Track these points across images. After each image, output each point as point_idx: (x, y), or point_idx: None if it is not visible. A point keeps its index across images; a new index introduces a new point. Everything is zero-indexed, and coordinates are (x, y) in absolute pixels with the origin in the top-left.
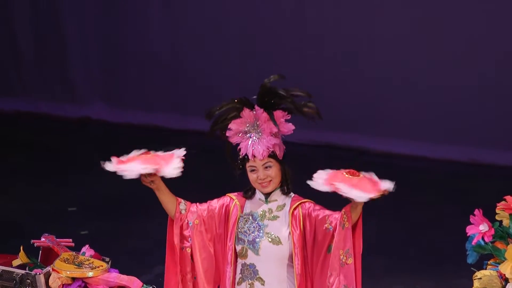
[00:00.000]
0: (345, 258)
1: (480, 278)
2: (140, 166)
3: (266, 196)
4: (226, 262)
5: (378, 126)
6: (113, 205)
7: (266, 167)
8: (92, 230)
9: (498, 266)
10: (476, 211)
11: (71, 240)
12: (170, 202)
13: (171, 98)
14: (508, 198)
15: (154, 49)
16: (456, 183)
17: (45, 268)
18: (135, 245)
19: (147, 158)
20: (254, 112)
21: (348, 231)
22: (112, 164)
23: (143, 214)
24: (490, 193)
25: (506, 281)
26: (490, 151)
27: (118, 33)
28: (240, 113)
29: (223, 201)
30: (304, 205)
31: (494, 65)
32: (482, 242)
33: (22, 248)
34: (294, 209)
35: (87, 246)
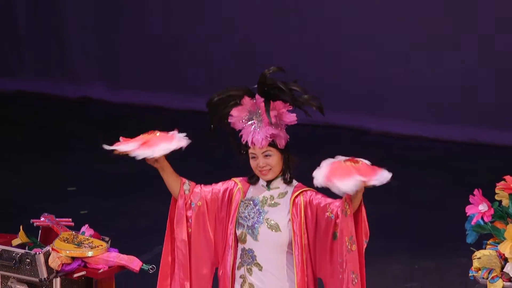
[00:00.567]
0: (350, 244)
1: (479, 258)
2: (136, 149)
3: (268, 183)
4: (227, 246)
5: (379, 107)
6: (112, 184)
7: (266, 156)
8: (91, 210)
9: (497, 246)
10: (475, 191)
11: (71, 219)
12: (174, 182)
13: (171, 78)
14: (507, 178)
15: (154, 28)
16: (456, 163)
17: (44, 247)
18: (135, 224)
19: (148, 139)
20: (254, 100)
21: (350, 218)
22: (115, 144)
23: (143, 194)
24: (490, 173)
25: (506, 260)
26: (490, 131)
27: (118, 12)
28: (240, 100)
29: (227, 185)
30: (305, 193)
31: (494, 45)
32: (482, 222)
33: (21, 227)
34: (296, 197)
35: (87, 225)
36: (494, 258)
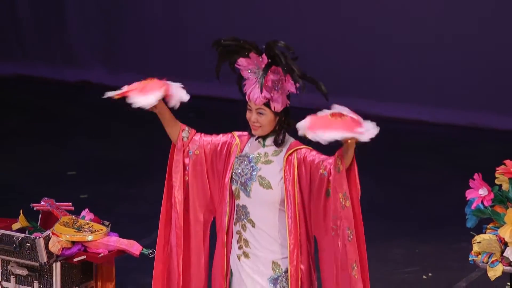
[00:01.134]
0: (344, 201)
1: (479, 242)
2: (132, 95)
3: (264, 139)
4: (223, 200)
5: (378, 90)
6: (112, 169)
7: (259, 113)
8: (91, 194)
9: (497, 230)
10: (475, 175)
11: (71, 204)
12: (173, 127)
13: (171, 62)
14: (507, 162)
15: (154, 12)
16: (456, 147)
17: (44, 231)
18: (135, 209)
19: (144, 85)
20: (261, 59)
21: (342, 174)
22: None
23: (143, 178)
24: (490, 157)
25: (506, 245)
26: (490, 115)
27: None
28: (249, 53)
29: (227, 138)
30: (300, 151)
31: (495, 29)
32: (482, 206)
33: (21, 211)
34: (290, 154)
35: (87, 210)
36: (494, 243)
